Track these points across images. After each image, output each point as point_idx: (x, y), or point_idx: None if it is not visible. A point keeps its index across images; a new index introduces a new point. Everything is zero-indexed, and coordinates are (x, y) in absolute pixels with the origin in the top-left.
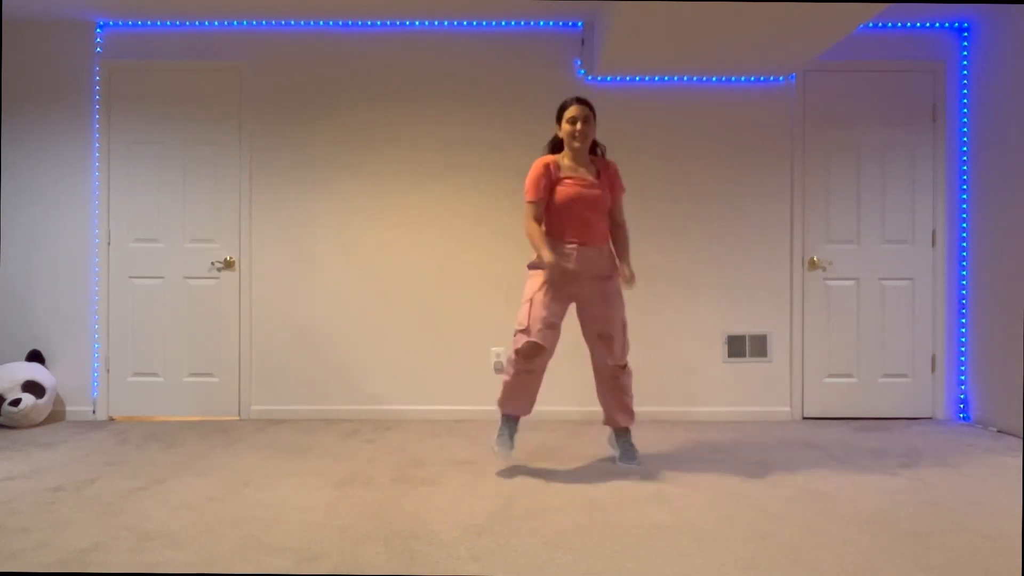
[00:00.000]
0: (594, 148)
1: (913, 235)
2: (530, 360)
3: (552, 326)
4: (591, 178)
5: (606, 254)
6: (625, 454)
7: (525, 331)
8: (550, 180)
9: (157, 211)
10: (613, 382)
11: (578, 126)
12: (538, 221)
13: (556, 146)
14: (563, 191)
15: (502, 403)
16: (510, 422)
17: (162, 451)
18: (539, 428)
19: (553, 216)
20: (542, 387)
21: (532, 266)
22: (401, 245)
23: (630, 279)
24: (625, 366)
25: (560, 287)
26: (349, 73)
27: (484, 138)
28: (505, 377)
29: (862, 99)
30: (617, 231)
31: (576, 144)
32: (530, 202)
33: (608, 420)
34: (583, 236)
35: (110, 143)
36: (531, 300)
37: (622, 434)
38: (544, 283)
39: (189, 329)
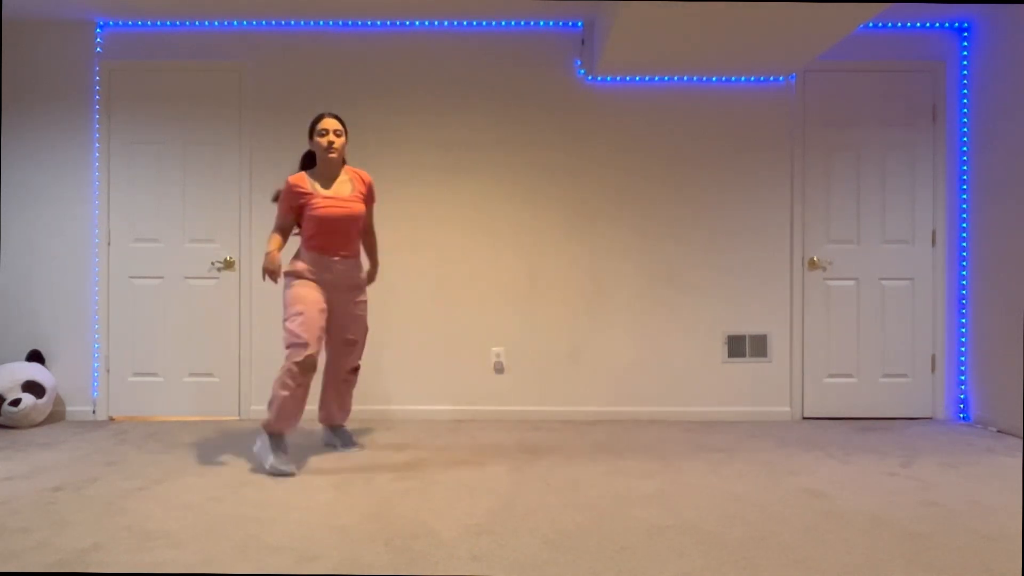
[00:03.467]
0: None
1: (913, 235)
2: (307, 375)
3: (322, 339)
4: (347, 193)
5: (359, 266)
6: (346, 442)
7: (304, 344)
8: (295, 202)
9: (157, 211)
10: (345, 385)
11: (331, 138)
12: (280, 233)
13: (309, 160)
14: (324, 209)
15: (278, 422)
16: (280, 440)
17: (162, 451)
18: (539, 428)
19: (316, 230)
20: (544, 387)
21: (289, 274)
22: (401, 245)
23: (374, 278)
24: (359, 367)
25: (325, 297)
26: (349, 73)
27: (484, 138)
28: (284, 393)
29: (862, 99)
30: (368, 238)
31: (331, 156)
32: (277, 228)
33: (327, 418)
34: (344, 250)
35: (110, 143)
36: (304, 313)
37: (338, 428)
38: (308, 293)
39: (189, 329)
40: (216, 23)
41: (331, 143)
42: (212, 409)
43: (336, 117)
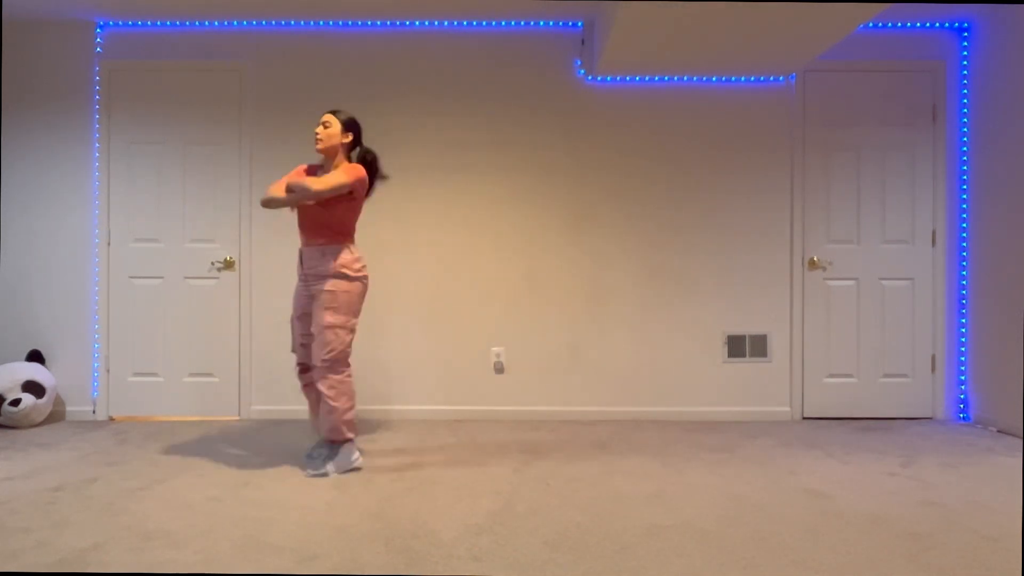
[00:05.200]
0: (363, 158)
1: (913, 235)
2: (299, 379)
3: (304, 344)
4: None
5: (329, 254)
6: (312, 458)
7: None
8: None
9: (157, 211)
10: (313, 388)
11: (317, 129)
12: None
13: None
14: None
15: (350, 427)
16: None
17: (162, 451)
18: (539, 428)
19: (298, 218)
20: (544, 387)
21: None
22: (401, 245)
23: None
24: (324, 368)
25: (303, 294)
26: (349, 73)
27: (484, 138)
28: (349, 403)
29: (862, 99)
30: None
31: (316, 148)
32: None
33: (318, 427)
34: (305, 237)
35: (110, 143)
36: (291, 322)
37: (322, 441)
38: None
39: (189, 329)
40: (216, 23)
41: (315, 135)
42: (212, 409)
43: (333, 111)
